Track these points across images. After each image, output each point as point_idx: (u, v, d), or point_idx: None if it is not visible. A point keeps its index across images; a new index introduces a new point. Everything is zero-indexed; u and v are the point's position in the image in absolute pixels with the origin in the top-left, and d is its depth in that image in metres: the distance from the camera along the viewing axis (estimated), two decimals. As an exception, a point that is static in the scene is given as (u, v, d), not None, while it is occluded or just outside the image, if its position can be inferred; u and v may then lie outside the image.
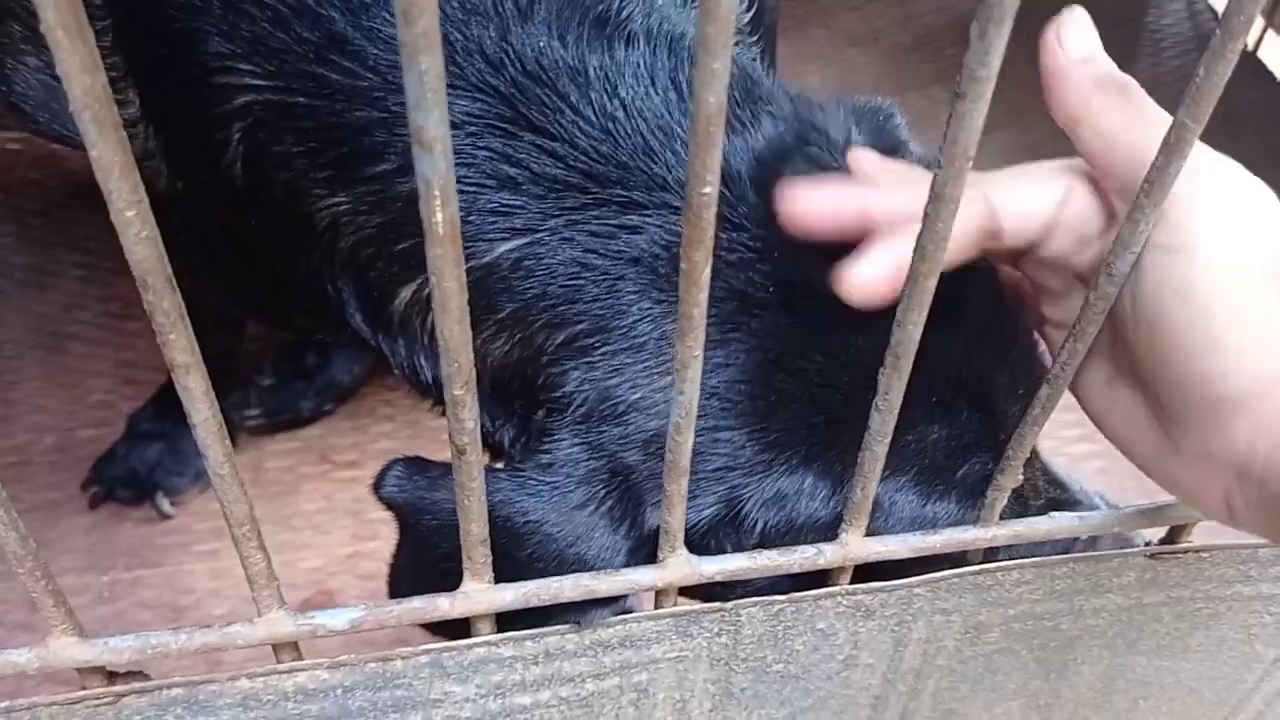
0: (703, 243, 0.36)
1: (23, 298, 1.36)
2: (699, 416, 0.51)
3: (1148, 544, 0.58)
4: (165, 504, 1.16)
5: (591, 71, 0.55)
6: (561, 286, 0.54)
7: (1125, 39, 1.77)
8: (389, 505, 0.56)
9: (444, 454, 0.50)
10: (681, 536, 0.48)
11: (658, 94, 0.55)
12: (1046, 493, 0.60)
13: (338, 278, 0.61)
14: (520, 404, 0.57)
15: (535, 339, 0.55)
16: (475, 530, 0.45)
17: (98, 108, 0.29)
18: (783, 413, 0.53)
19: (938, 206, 0.37)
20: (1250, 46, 1.67)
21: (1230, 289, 0.42)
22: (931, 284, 0.40)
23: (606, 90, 0.55)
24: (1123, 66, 0.45)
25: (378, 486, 0.56)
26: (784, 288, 0.53)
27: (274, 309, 0.81)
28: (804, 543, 0.52)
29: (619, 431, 0.53)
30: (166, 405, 1.20)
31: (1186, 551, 0.56)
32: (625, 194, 0.54)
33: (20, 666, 0.45)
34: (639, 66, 0.56)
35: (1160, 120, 0.45)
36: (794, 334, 0.53)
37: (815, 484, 0.53)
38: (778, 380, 0.52)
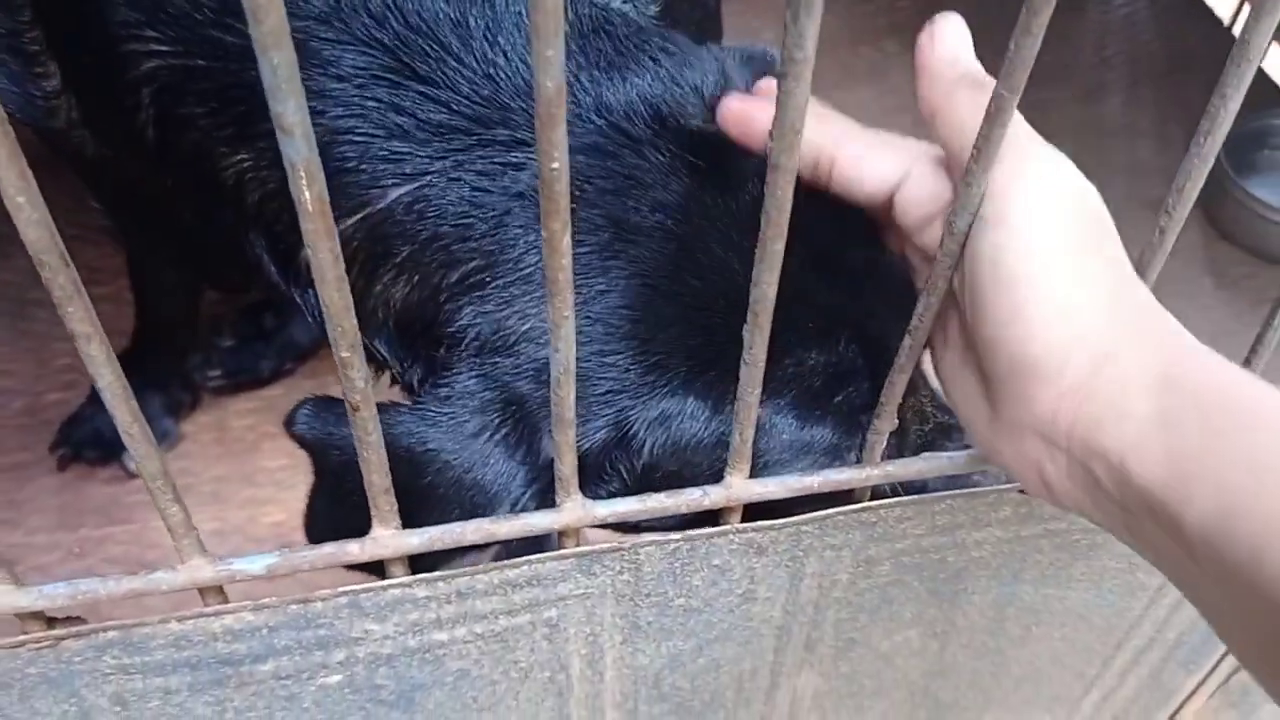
0: (558, 214, 0.39)
1: (-11, 264, 1.39)
2: (586, 343, 0.55)
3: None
4: (131, 464, 1.20)
5: (472, 22, 0.58)
6: (452, 226, 0.57)
7: (1076, -13, 1.79)
8: (300, 442, 0.59)
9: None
10: (575, 482, 0.52)
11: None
12: (935, 418, 0.63)
13: (249, 232, 0.64)
14: (423, 343, 0.61)
15: (432, 279, 0.58)
16: (377, 480, 0.49)
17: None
18: (663, 335, 0.56)
19: (775, 176, 0.41)
20: (1197, -8, 1.69)
21: (1037, 260, 0.44)
22: (779, 247, 0.43)
23: (487, 39, 0.58)
24: (1071, 13, 0.47)
25: (289, 424, 0.59)
26: (661, 213, 0.56)
27: (207, 265, 0.84)
28: (687, 463, 0.57)
29: (511, 362, 0.56)
30: (130, 368, 1.22)
31: (1057, 487, 0.60)
32: (508, 133, 0.57)
33: (-42, 613, 0.49)
34: (521, 15, 0.59)
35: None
36: (671, 259, 0.56)
37: (696, 404, 0.57)
38: (657, 304, 0.56)
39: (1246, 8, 1.57)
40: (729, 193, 0.57)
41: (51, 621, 0.53)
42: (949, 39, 0.51)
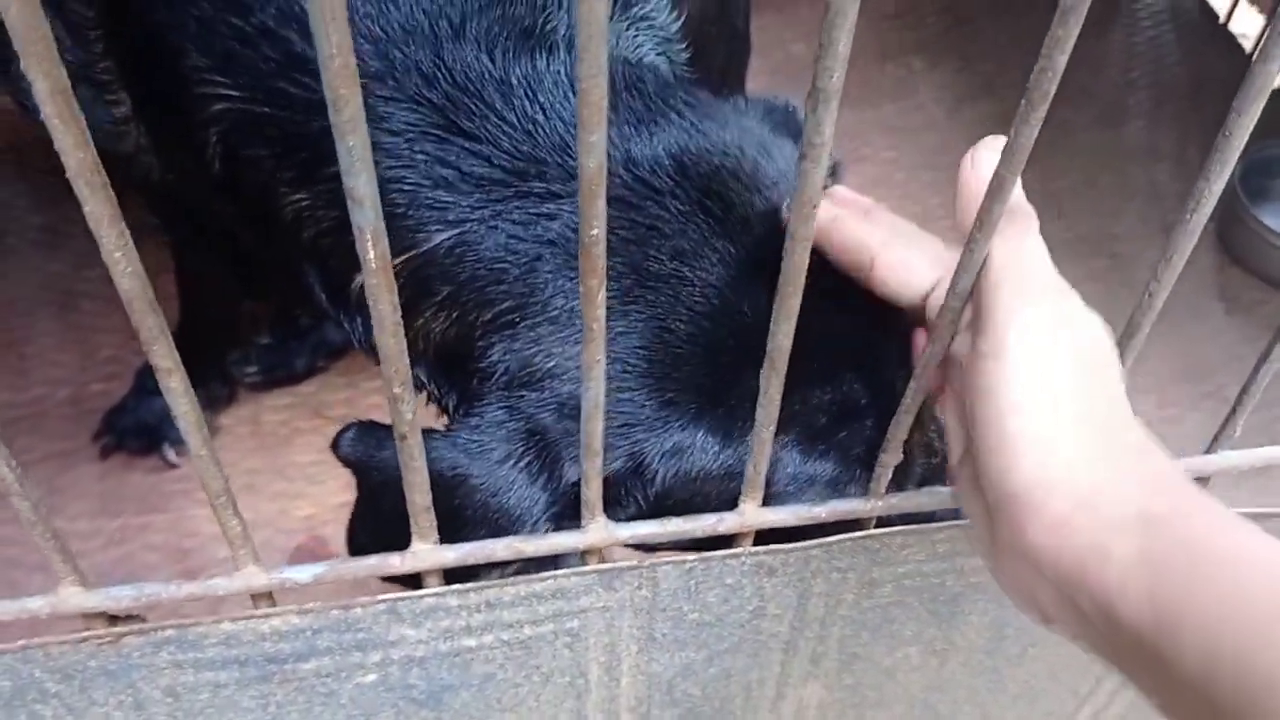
0: (595, 272, 0.43)
1: (35, 256, 1.44)
2: (605, 379, 0.59)
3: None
4: (171, 454, 1.25)
5: (515, 81, 0.63)
6: (488, 269, 0.62)
7: (1102, 8, 1.82)
8: (345, 462, 0.64)
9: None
10: (600, 506, 0.56)
11: (575, 96, 0.63)
12: (941, 451, 0.67)
13: (304, 263, 0.69)
14: (459, 374, 0.65)
15: (468, 316, 0.63)
16: (419, 500, 0.53)
17: (89, 175, 0.37)
18: (676, 374, 0.61)
19: (793, 244, 0.44)
20: (1222, 19, 1.71)
21: (1029, 397, 0.46)
22: (795, 303, 0.47)
23: (528, 96, 0.63)
24: (1099, 36, 0.48)
25: (335, 446, 0.64)
26: (678, 261, 0.61)
27: (259, 283, 0.89)
28: (697, 492, 0.61)
29: (536, 396, 0.61)
30: None
31: (1052, 521, 0.64)
32: (543, 185, 0.62)
33: (34, 612, 0.54)
34: (559, 74, 0.63)
35: (1026, 235, 0.51)
36: (686, 303, 0.61)
37: (706, 439, 0.61)
38: (672, 345, 0.61)
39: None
40: (739, 239, 0.61)
41: (113, 619, 0.57)
42: (987, 166, 0.54)
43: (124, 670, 0.59)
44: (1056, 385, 0.47)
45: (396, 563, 0.56)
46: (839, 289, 0.60)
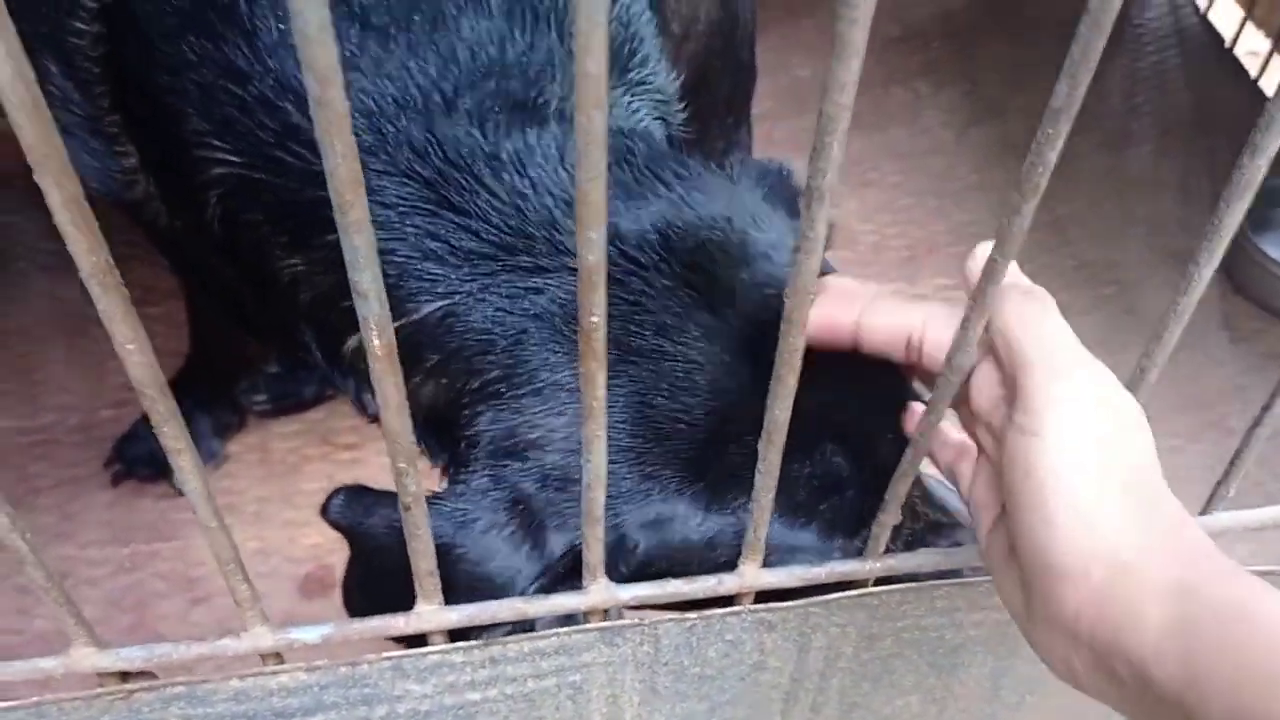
0: (595, 356, 0.44)
1: (47, 282, 1.46)
2: None
3: (1016, 571, 0.66)
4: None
5: (505, 155, 0.64)
6: (476, 340, 0.63)
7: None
8: (335, 527, 0.65)
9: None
10: (601, 569, 0.57)
11: (565, 170, 0.64)
12: (925, 515, 0.68)
13: (300, 322, 0.70)
14: (448, 439, 0.66)
15: (456, 384, 0.64)
16: (424, 565, 0.54)
17: (102, 277, 0.38)
18: (658, 449, 0.61)
19: (788, 328, 0.45)
20: (1228, 43, 1.72)
21: (1065, 474, 0.48)
22: (792, 382, 0.48)
23: (517, 171, 0.63)
24: (1103, 60, 0.49)
25: (325, 511, 0.65)
26: (661, 336, 0.61)
27: (261, 333, 0.91)
28: (678, 563, 0.62)
29: (520, 465, 0.62)
30: (182, 391, 1.29)
31: (1048, 578, 0.65)
32: (530, 260, 0.63)
33: (49, 672, 0.55)
34: (550, 147, 0.64)
35: (1047, 314, 0.52)
36: (668, 378, 0.61)
37: (687, 510, 0.62)
38: (654, 419, 0.61)
39: (1275, 61, 1.60)
40: (723, 313, 0.62)
41: (125, 676, 0.58)
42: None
43: (134, 724, 0.60)
44: (1096, 459, 0.48)
45: (401, 624, 0.57)
46: (824, 359, 0.61)
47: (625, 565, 0.62)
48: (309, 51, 0.32)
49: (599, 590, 0.58)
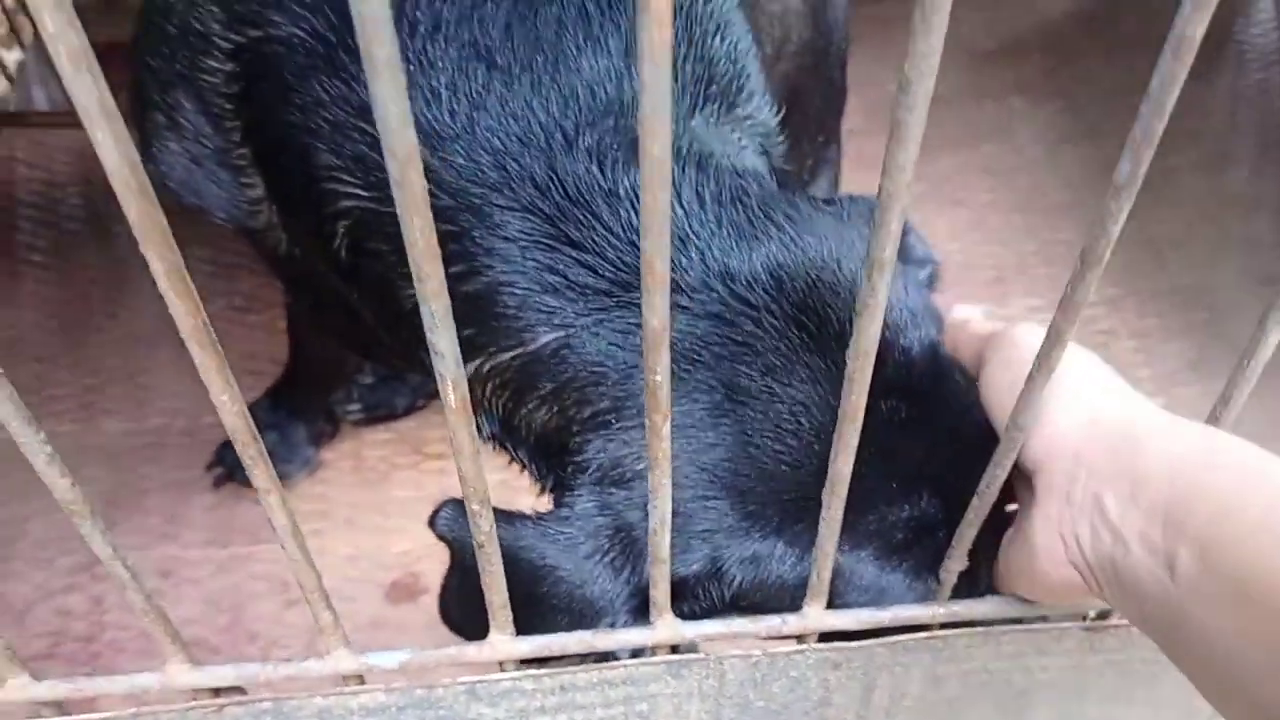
0: (660, 409, 0.46)
1: (155, 289, 1.52)
2: (692, 487, 0.62)
3: (1084, 617, 0.66)
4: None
5: (623, 192, 0.65)
6: (589, 372, 0.65)
7: (1210, 50, 1.78)
8: (440, 538, 0.67)
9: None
10: (668, 606, 0.58)
11: (681, 207, 0.65)
12: None
13: (420, 348, 0.73)
14: (556, 462, 0.69)
15: (568, 412, 0.66)
16: (497, 598, 0.56)
17: (200, 337, 0.41)
18: (760, 488, 0.63)
19: (850, 387, 0.46)
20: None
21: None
22: (854, 441, 0.49)
23: (634, 208, 0.65)
24: (1205, 79, 0.49)
25: (432, 522, 0.68)
26: (769, 377, 0.63)
27: (373, 353, 0.94)
28: (771, 597, 0.63)
29: (625, 494, 0.64)
30: (280, 399, 1.34)
31: (1118, 627, 0.65)
32: None
33: (145, 688, 0.58)
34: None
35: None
36: (774, 420, 0.63)
37: (784, 550, 0.63)
38: (758, 460, 0.63)
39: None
40: (831, 356, 0.63)
41: (217, 691, 0.62)
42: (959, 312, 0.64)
43: (224, 736, 0.63)
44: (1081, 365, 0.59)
45: (474, 653, 0.59)
46: (922, 405, 0.62)
47: (718, 596, 0.63)
48: (391, 140, 0.35)
49: (665, 626, 0.60)
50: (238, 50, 0.72)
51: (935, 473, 0.64)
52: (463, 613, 0.68)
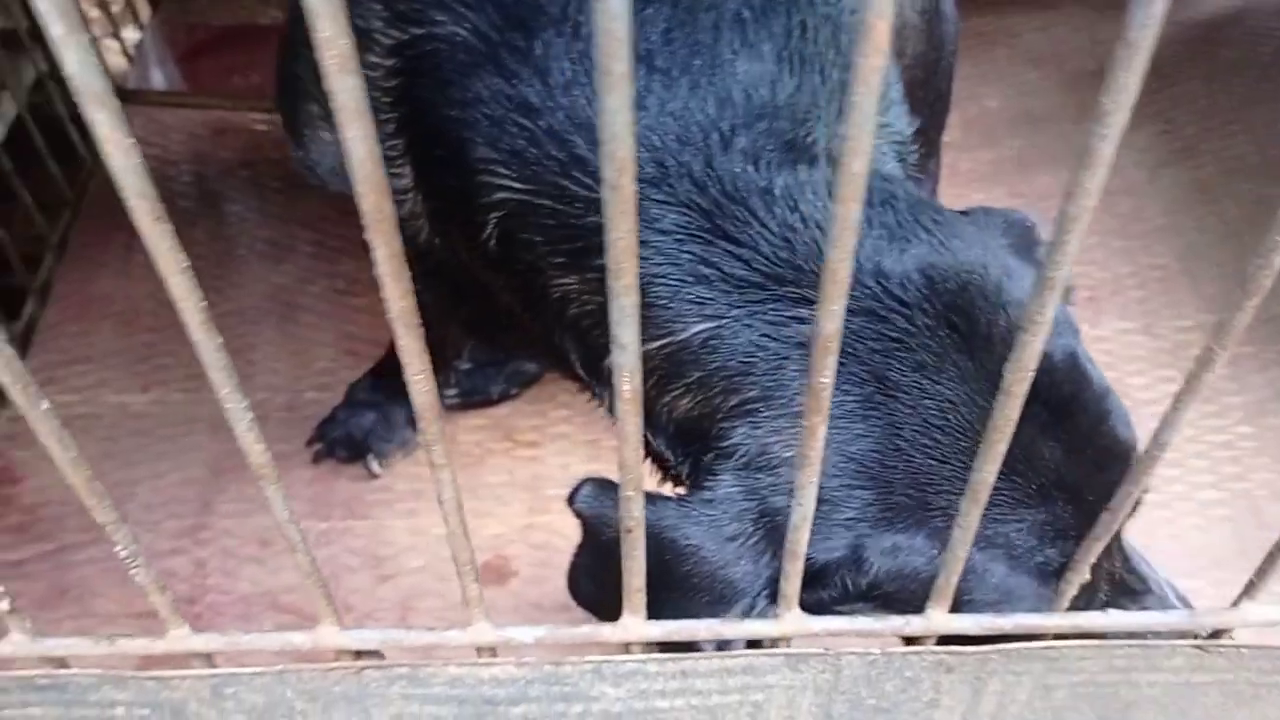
0: (820, 412, 0.48)
1: (261, 268, 1.57)
2: (839, 475, 0.64)
3: (1197, 636, 0.68)
4: (375, 465, 1.35)
5: (778, 190, 0.68)
6: (739, 362, 0.67)
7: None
8: (579, 515, 0.70)
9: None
10: (796, 600, 0.61)
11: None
12: (1124, 582, 0.70)
13: (564, 336, 0.76)
14: (696, 448, 0.71)
15: (714, 400, 0.69)
16: (635, 582, 0.59)
17: (407, 319, 0.44)
18: (905, 481, 0.65)
19: (1005, 399, 0.48)
20: None
21: None
22: (1001, 447, 0.51)
23: (788, 206, 0.67)
24: None
25: (571, 499, 0.70)
26: (919, 373, 0.64)
27: (500, 340, 0.97)
28: (906, 589, 0.65)
29: (771, 480, 0.66)
30: (381, 379, 1.38)
31: (1229, 648, 0.66)
32: (798, 291, 0.67)
33: (297, 646, 0.62)
34: (820, 185, 0.68)
35: None
36: (922, 415, 0.65)
37: (925, 544, 0.65)
38: (905, 453, 0.65)
39: None
40: (980, 356, 0.64)
41: (358, 654, 0.65)
42: None
43: (361, 697, 0.66)
44: None
45: (608, 633, 0.62)
46: (1062, 411, 0.63)
47: (853, 583, 0.66)
48: (612, 146, 0.37)
49: (792, 619, 0.62)
50: (399, 46, 0.75)
51: (1072, 480, 0.65)
52: (594, 589, 0.71)
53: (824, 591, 0.66)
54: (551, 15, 0.70)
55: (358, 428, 1.35)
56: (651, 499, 0.67)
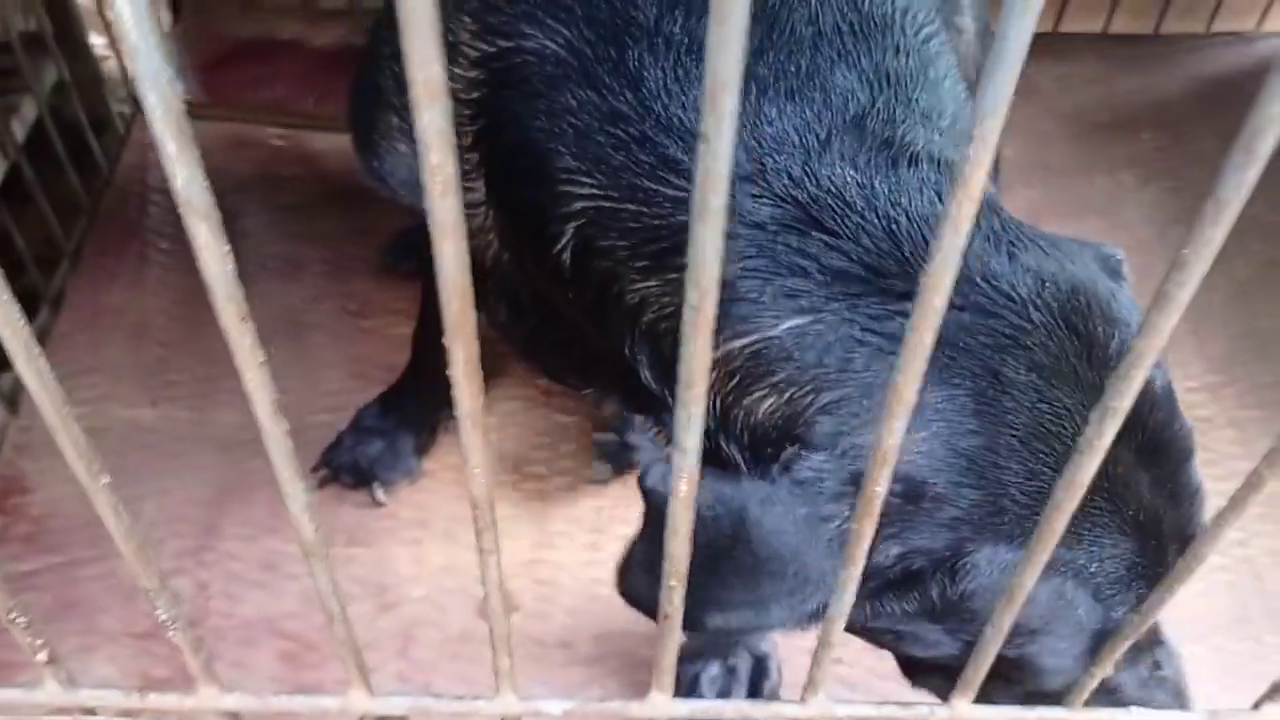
0: (870, 516, 0.49)
1: (272, 285, 1.57)
2: (945, 470, 0.63)
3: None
4: (380, 493, 1.35)
5: (877, 186, 0.68)
6: (837, 357, 0.65)
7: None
8: (646, 495, 0.68)
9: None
10: (824, 685, 0.61)
11: (942, 205, 0.68)
12: (1156, 679, 0.70)
13: (637, 343, 0.75)
14: (773, 453, 0.68)
15: (803, 400, 0.66)
16: (667, 660, 0.59)
17: (474, 418, 0.44)
18: (1016, 485, 0.63)
19: (1100, 424, 0.49)
20: None
21: None
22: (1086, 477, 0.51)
23: (890, 201, 0.67)
24: None
25: (642, 478, 0.68)
26: (1034, 373, 0.63)
27: (557, 364, 0.96)
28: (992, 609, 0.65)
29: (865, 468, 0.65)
30: (390, 406, 1.38)
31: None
32: (904, 285, 0.65)
33: (325, 709, 0.62)
34: (923, 183, 0.68)
35: None
36: (1037, 419, 0.63)
37: (1010, 555, 0.64)
38: (1018, 455, 0.63)
39: None
40: (1096, 365, 0.64)
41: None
42: None
43: (382, 758, 0.66)
44: None
45: (635, 710, 0.62)
46: (1153, 444, 0.65)
47: (942, 590, 0.64)
48: (698, 273, 0.37)
49: (817, 704, 0.62)
50: (485, 59, 0.76)
51: (1169, 525, 0.65)
52: (652, 583, 0.68)
53: (909, 601, 0.65)
54: (644, 28, 0.71)
55: (364, 455, 1.35)
56: (732, 476, 0.65)
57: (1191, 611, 1.26)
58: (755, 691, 1.23)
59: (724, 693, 1.23)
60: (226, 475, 1.36)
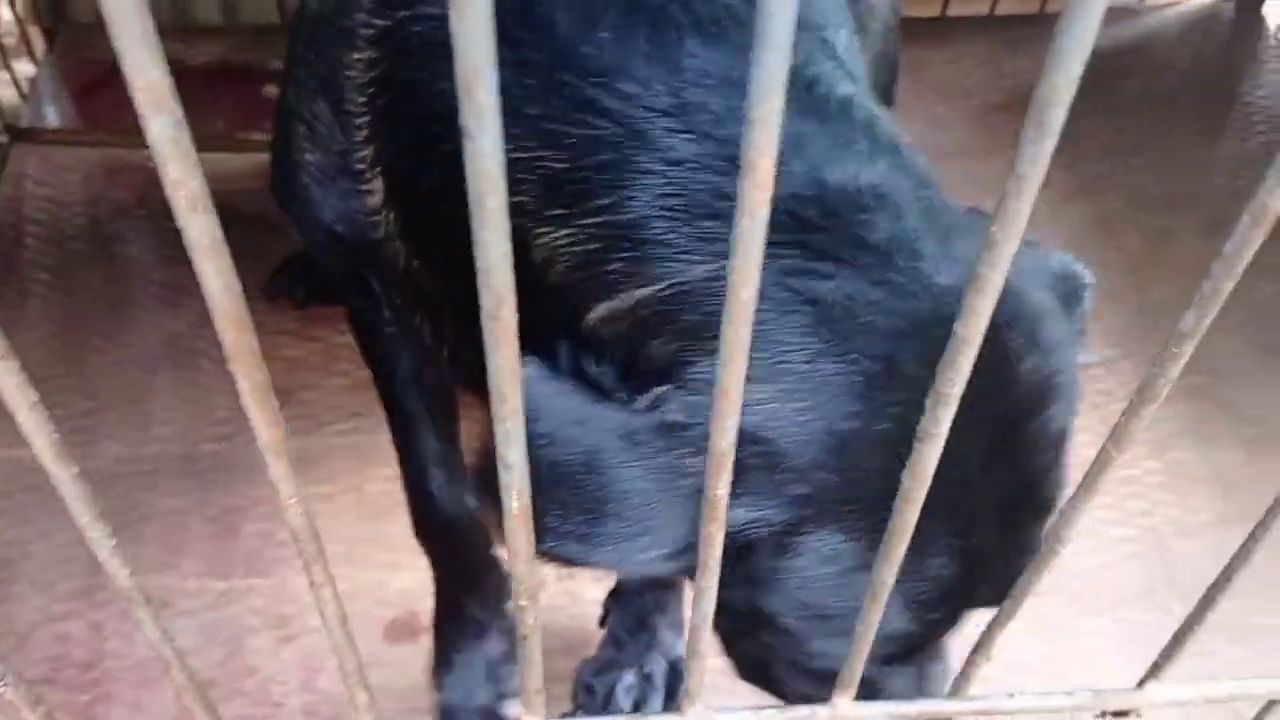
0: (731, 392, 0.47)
1: (157, 313, 1.52)
2: (815, 447, 0.61)
3: (1103, 715, 0.67)
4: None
5: (803, 130, 0.64)
6: None
7: (1214, 111, 1.81)
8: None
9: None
10: (700, 694, 0.59)
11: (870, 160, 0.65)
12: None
13: (548, 299, 0.68)
14: (654, 377, 0.64)
15: (694, 346, 0.62)
16: (532, 684, 0.57)
17: (278, 447, 0.41)
18: (879, 483, 0.60)
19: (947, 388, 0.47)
20: None
21: None
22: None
23: (817, 148, 0.64)
24: (1209, 141, 0.48)
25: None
26: (931, 370, 0.62)
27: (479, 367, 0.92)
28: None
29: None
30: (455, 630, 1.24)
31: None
32: (825, 239, 0.62)
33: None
34: (850, 132, 0.66)
35: None
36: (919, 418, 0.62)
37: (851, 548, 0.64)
38: (892, 450, 0.61)
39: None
40: (995, 374, 0.64)
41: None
42: None
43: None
44: None
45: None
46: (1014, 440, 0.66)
47: (772, 561, 0.64)
48: (490, 277, 0.35)
49: (695, 714, 0.60)
50: (381, 35, 0.72)
51: (983, 534, 0.65)
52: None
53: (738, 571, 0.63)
54: None
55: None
56: (596, 400, 0.62)
57: (1097, 584, 1.27)
58: (672, 696, 1.21)
59: (641, 701, 1.21)
60: (113, 511, 1.30)
